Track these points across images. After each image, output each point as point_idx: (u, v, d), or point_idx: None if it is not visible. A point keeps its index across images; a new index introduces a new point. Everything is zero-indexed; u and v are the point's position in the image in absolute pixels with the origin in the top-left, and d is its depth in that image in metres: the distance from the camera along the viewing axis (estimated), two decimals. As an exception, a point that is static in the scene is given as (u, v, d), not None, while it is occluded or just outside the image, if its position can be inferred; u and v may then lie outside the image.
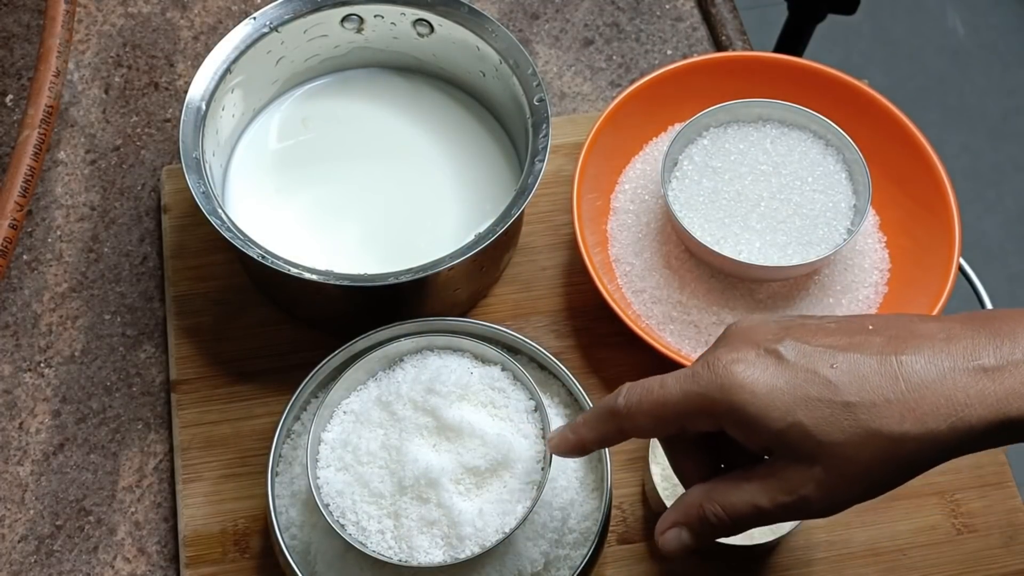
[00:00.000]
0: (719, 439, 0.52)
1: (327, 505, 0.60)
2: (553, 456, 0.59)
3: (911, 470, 0.47)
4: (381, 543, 0.59)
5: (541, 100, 0.70)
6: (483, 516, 0.58)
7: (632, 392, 0.51)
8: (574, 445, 0.55)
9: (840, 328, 0.48)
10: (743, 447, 0.50)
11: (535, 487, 0.60)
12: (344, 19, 0.75)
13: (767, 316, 0.51)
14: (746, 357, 0.47)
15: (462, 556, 0.58)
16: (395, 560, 0.58)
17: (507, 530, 0.58)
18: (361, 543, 0.59)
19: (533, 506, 0.59)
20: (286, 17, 0.73)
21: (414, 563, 0.58)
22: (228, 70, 0.71)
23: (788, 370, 0.46)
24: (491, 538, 0.58)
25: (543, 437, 0.61)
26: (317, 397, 0.67)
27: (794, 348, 0.47)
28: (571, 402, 0.66)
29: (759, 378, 0.47)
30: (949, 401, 0.45)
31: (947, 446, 0.46)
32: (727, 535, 0.50)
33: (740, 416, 0.47)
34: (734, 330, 0.50)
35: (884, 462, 0.46)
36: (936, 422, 0.45)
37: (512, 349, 0.67)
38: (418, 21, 0.75)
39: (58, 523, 0.69)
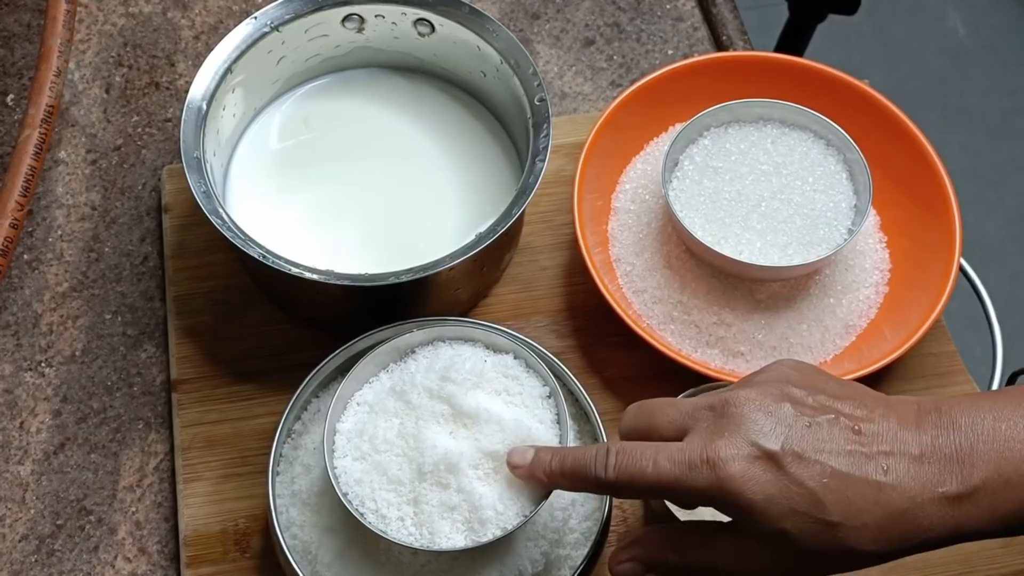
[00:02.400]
0: None
1: (346, 494, 0.60)
2: (570, 441, 0.60)
3: (862, 567, 0.52)
4: (402, 530, 0.59)
5: (542, 100, 0.70)
6: (503, 500, 0.59)
7: (623, 469, 0.52)
8: (540, 482, 0.57)
9: (833, 431, 0.51)
10: None
11: None
12: (345, 19, 0.75)
13: (764, 391, 0.53)
14: (744, 458, 0.50)
15: (484, 540, 0.58)
16: (417, 546, 0.58)
17: (528, 513, 0.58)
18: (382, 531, 0.59)
19: (552, 490, 0.59)
20: (287, 17, 0.73)
21: (435, 548, 0.58)
22: (229, 70, 0.71)
23: (783, 480, 0.50)
24: (512, 521, 0.58)
25: (558, 422, 0.61)
26: (318, 396, 0.67)
27: (791, 457, 0.50)
28: (572, 402, 0.66)
29: (756, 487, 0.50)
30: (915, 528, 0.50)
31: (901, 555, 0.51)
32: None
33: (733, 512, 0.51)
34: (732, 412, 0.52)
35: (847, 564, 0.51)
36: (902, 544, 0.51)
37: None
38: (419, 21, 0.75)
39: (59, 523, 0.69)
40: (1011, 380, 0.72)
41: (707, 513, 0.65)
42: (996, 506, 0.50)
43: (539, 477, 0.56)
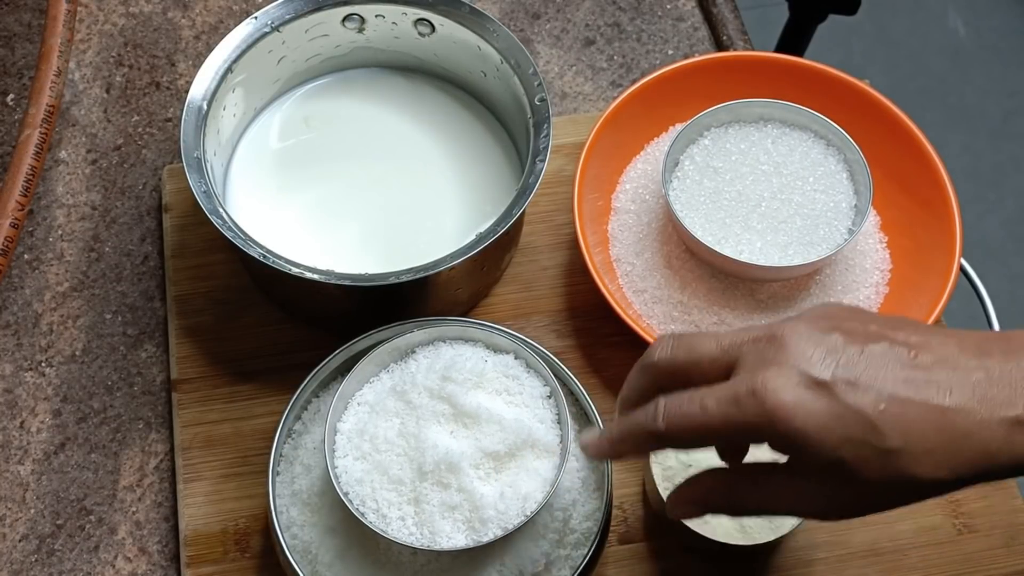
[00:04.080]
0: None
1: (347, 494, 0.60)
2: (571, 441, 0.60)
3: (925, 498, 0.50)
4: (402, 529, 0.59)
5: (542, 100, 0.70)
6: (504, 499, 0.59)
7: (672, 416, 0.50)
8: (608, 454, 0.55)
9: (887, 356, 0.49)
10: None
11: (554, 469, 0.60)
12: (345, 19, 0.75)
13: (812, 322, 0.50)
14: (794, 386, 0.48)
15: (485, 539, 0.58)
16: (417, 546, 0.58)
17: (528, 512, 0.58)
18: (382, 530, 0.59)
19: (553, 489, 0.59)
20: (287, 17, 0.73)
21: (436, 548, 0.58)
22: (229, 69, 0.71)
23: (837, 407, 0.47)
24: (513, 520, 0.58)
25: (559, 422, 0.62)
26: (318, 396, 0.67)
27: (844, 384, 0.48)
28: (573, 402, 0.66)
29: (809, 414, 0.47)
30: (983, 453, 0.47)
31: (969, 485, 0.48)
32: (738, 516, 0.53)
33: (785, 444, 0.48)
34: (779, 343, 0.49)
35: (908, 495, 0.49)
36: (966, 470, 0.48)
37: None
38: (419, 21, 0.75)
39: (59, 522, 0.69)
40: None
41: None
42: None
43: (606, 452, 0.54)
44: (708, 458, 0.65)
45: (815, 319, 0.51)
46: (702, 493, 0.54)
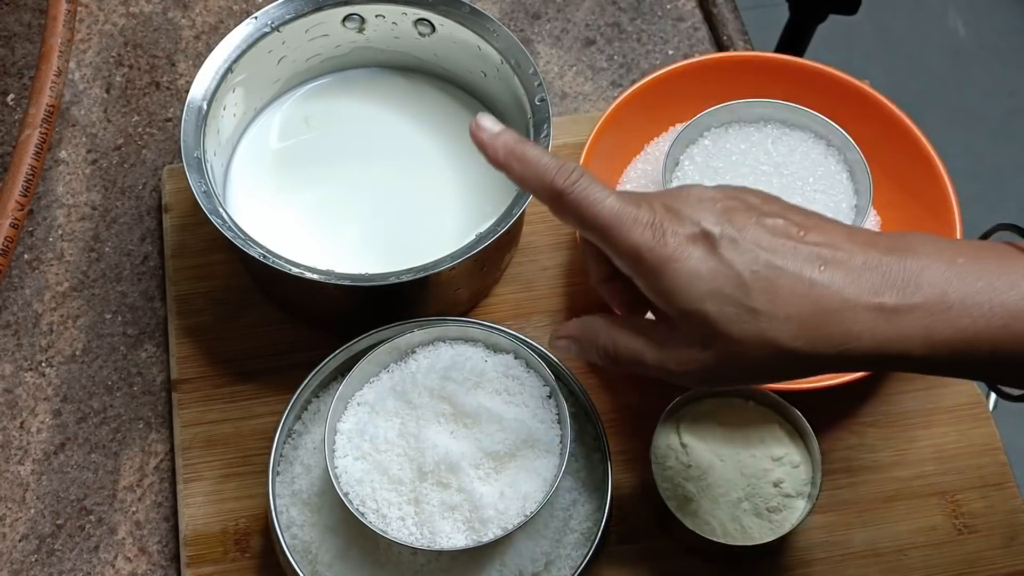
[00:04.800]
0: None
1: (347, 494, 0.60)
2: (570, 440, 0.60)
3: (791, 375, 0.52)
4: (402, 529, 0.59)
5: (542, 100, 0.70)
6: (504, 499, 0.59)
7: (578, 189, 0.52)
8: (490, 154, 0.54)
9: (776, 227, 0.51)
10: None
11: (554, 469, 0.60)
12: (345, 19, 0.75)
13: (723, 190, 0.53)
14: (683, 236, 0.50)
15: (485, 539, 0.58)
16: (417, 546, 0.58)
17: (528, 512, 0.58)
18: (382, 530, 0.59)
19: (553, 489, 0.59)
20: (287, 17, 0.73)
21: (436, 548, 0.58)
22: (229, 69, 0.71)
23: (713, 261, 0.50)
24: (513, 520, 0.58)
25: (559, 422, 0.61)
26: (318, 396, 0.67)
27: (728, 240, 0.50)
28: (573, 402, 0.66)
29: (687, 261, 0.50)
30: (843, 332, 0.49)
31: (828, 365, 0.50)
32: (607, 367, 0.55)
33: (656, 282, 0.51)
34: (684, 197, 0.52)
35: (769, 365, 0.50)
36: (825, 347, 0.49)
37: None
38: (419, 21, 0.75)
39: (59, 522, 0.69)
40: (984, 236, 0.70)
41: (705, 504, 0.65)
42: (932, 328, 0.49)
43: (495, 151, 0.54)
44: (709, 459, 0.65)
45: (724, 187, 0.54)
46: (583, 333, 0.55)
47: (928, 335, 0.49)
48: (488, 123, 0.54)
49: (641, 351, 0.53)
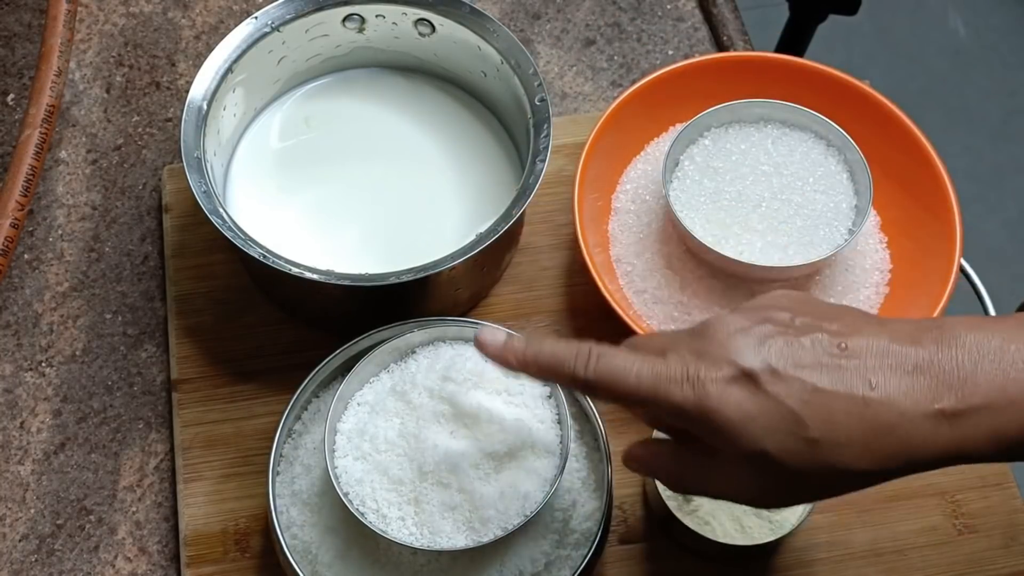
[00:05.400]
0: None
1: (347, 494, 0.60)
2: (570, 440, 0.60)
3: (852, 490, 0.50)
4: (402, 530, 0.59)
5: (543, 100, 0.70)
6: (504, 499, 0.59)
7: (603, 371, 0.51)
8: (504, 363, 0.54)
9: (817, 345, 0.49)
10: None
11: (554, 469, 0.60)
12: (345, 19, 0.75)
13: (746, 314, 0.51)
14: (723, 379, 0.49)
15: (485, 539, 0.58)
16: (417, 546, 0.58)
17: (528, 512, 0.58)
18: (382, 530, 0.59)
19: (553, 489, 0.59)
20: (287, 17, 0.73)
21: (436, 548, 0.58)
22: (230, 69, 0.71)
23: (763, 400, 0.48)
24: (513, 520, 0.58)
25: (559, 422, 0.62)
26: (318, 396, 0.67)
27: (770, 375, 0.48)
28: (572, 402, 0.66)
29: (734, 406, 0.48)
30: (906, 445, 0.48)
31: (898, 474, 0.49)
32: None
33: (710, 432, 0.49)
34: (713, 337, 0.50)
35: (837, 484, 0.49)
36: (891, 462, 0.48)
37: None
38: (419, 21, 0.75)
39: (59, 522, 0.69)
40: (1020, 308, 0.70)
41: (705, 504, 0.65)
42: (998, 427, 0.47)
43: (507, 360, 0.54)
44: (708, 458, 0.65)
45: (748, 309, 0.52)
46: (652, 459, 0.55)
47: (995, 434, 0.48)
48: (488, 337, 0.54)
49: (707, 484, 0.52)
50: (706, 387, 0.49)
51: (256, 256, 0.65)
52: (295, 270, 0.65)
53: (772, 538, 0.64)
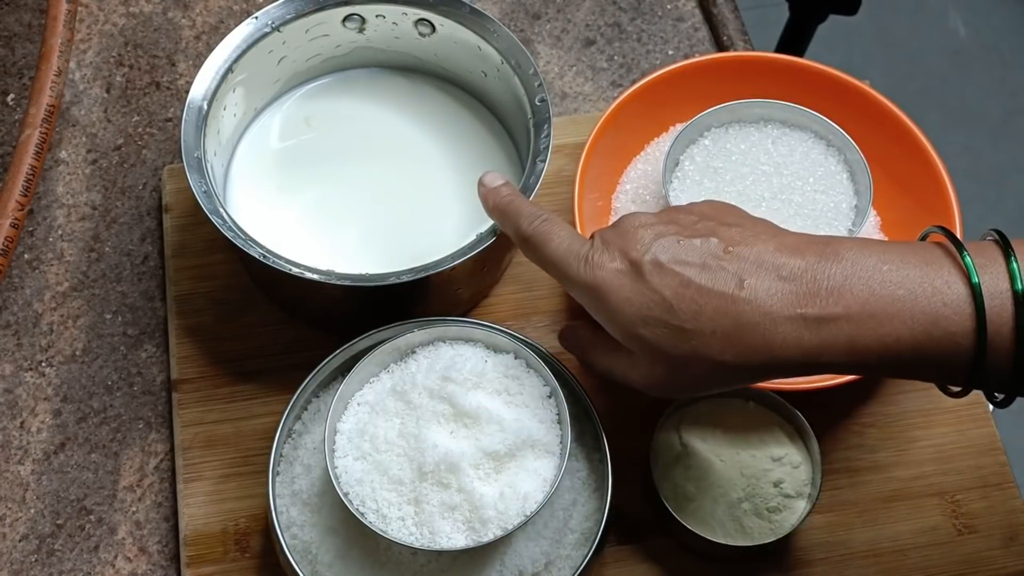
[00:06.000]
0: None
1: (347, 494, 0.60)
2: (570, 440, 0.61)
3: (731, 384, 0.56)
4: (402, 530, 0.59)
5: (543, 101, 0.70)
6: (504, 499, 0.59)
7: (539, 231, 0.59)
8: (480, 194, 0.65)
9: (703, 247, 0.54)
10: None
11: (554, 469, 0.60)
12: (346, 19, 0.75)
13: (661, 215, 0.57)
14: (613, 268, 0.55)
15: (485, 539, 0.58)
16: (417, 546, 0.58)
17: (528, 512, 0.58)
18: (382, 530, 0.59)
19: (553, 489, 0.59)
20: (288, 17, 0.73)
21: (436, 548, 0.58)
22: (230, 69, 0.71)
23: (642, 287, 0.54)
24: (513, 520, 0.58)
25: (559, 422, 0.62)
26: (318, 396, 0.67)
27: (651, 265, 0.54)
28: (573, 401, 0.66)
29: (616, 289, 0.54)
30: (767, 343, 0.52)
31: (759, 373, 0.53)
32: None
33: (596, 312, 0.56)
34: (622, 229, 0.57)
35: (708, 376, 0.54)
36: (752, 358, 0.52)
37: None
38: (420, 21, 0.75)
39: (59, 522, 0.69)
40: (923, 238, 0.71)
41: (705, 504, 0.65)
42: (855, 337, 0.51)
43: (484, 200, 0.64)
44: (709, 459, 0.66)
45: (667, 210, 0.58)
46: (572, 336, 0.64)
47: (852, 343, 0.51)
48: (489, 179, 0.64)
49: (611, 367, 0.58)
50: (596, 270, 0.55)
51: (256, 256, 0.65)
52: (295, 270, 0.65)
53: (772, 538, 0.64)
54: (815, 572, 0.68)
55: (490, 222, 0.68)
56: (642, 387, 0.57)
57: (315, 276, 0.65)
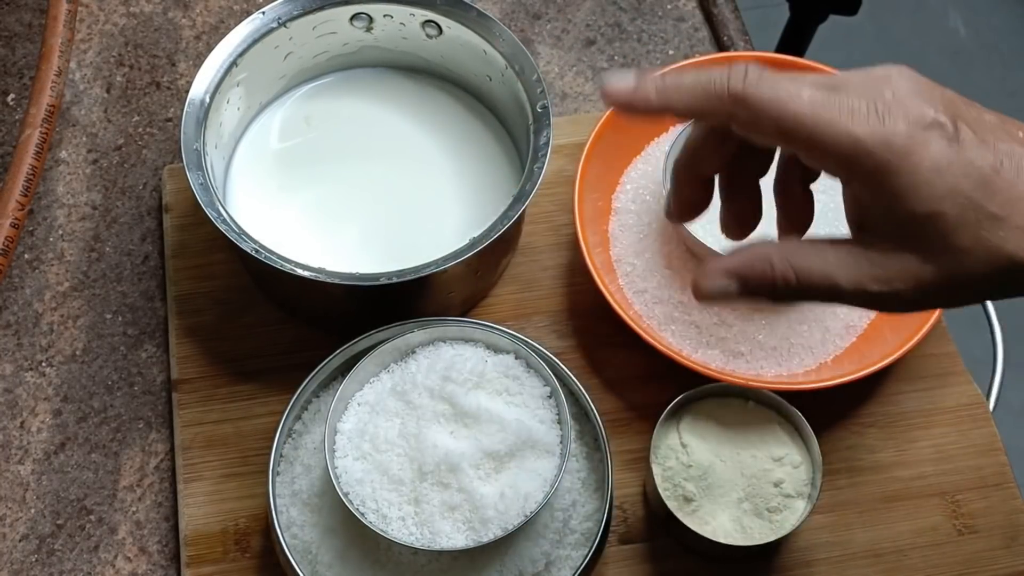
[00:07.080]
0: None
1: (347, 494, 0.60)
2: (570, 440, 0.60)
3: (1003, 295, 0.44)
4: (403, 529, 0.59)
5: (544, 108, 0.70)
6: (504, 499, 0.59)
7: (765, 90, 0.44)
8: (650, 100, 0.47)
9: (1002, 126, 0.44)
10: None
11: (554, 469, 0.60)
12: (353, 17, 0.75)
13: (917, 76, 0.45)
14: (916, 119, 0.42)
15: (485, 539, 0.58)
16: (418, 546, 0.58)
17: (528, 512, 0.58)
18: (383, 530, 0.59)
19: (553, 489, 0.59)
20: (295, 13, 0.73)
21: (436, 548, 0.58)
22: (234, 63, 0.71)
23: (957, 155, 0.42)
24: (513, 520, 0.58)
25: (559, 422, 0.62)
26: (318, 396, 0.67)
27: (968, 133, 0.43)
28: (573, 402, 0.66)
29: (926, 151, 0.42)
30: None
31: None
32: (782, 301, 0.45)
33: (886, 179, 0.43)
34: (895, 81, 0.44)
35: (990, 280, 0.43)
36: None
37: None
38: (427, 22, 0.75)
39: (59, 522, 0.69)
40: None
41: (705, 503, 0.65)
42: None
43: (646, 97, 0.46)
44: (709, 459, 0.65)
45: (920, 78, 0.45)
46: (752, 259, 0.45)
47: None
48: (615, 84, 0.47)
49: (833, 271, 0.44)
50: (897, 123, 0.42)
51: (249, 251, 0.65)
52: (287, 266, 0.65)
53: (772, 538, 0.64)
54: (815, 572, 0.68)
55: (486, 225, 0.67)
56: (884, 296, 0.44)
57: (306, 273, 0.65)
